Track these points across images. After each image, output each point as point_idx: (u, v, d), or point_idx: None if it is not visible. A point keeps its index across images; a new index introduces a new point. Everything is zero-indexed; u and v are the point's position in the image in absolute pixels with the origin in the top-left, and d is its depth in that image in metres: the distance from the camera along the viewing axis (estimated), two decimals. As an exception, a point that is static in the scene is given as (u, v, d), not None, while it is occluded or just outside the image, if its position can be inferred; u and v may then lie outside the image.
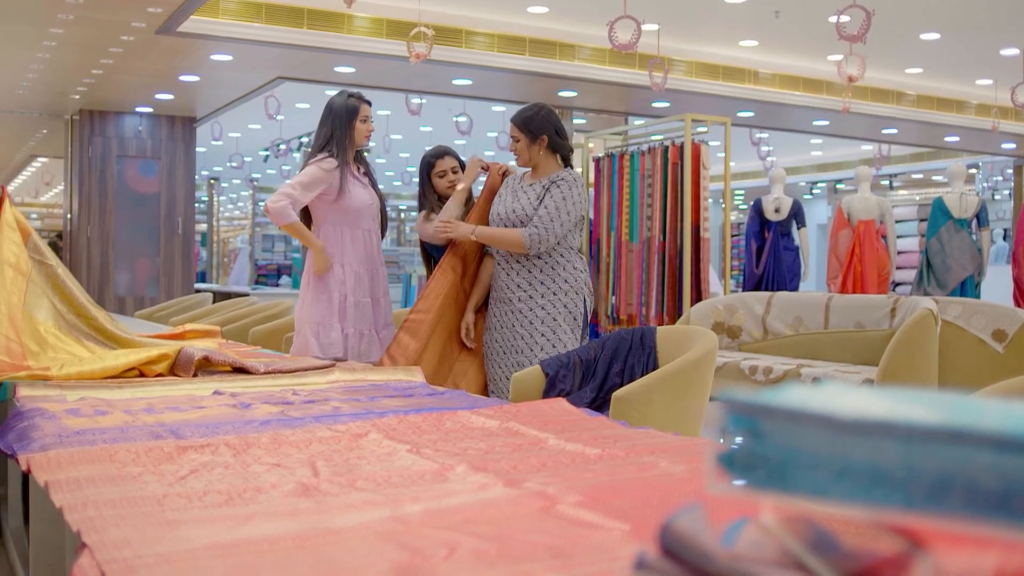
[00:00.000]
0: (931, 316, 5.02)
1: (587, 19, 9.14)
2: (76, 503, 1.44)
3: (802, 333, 6.05)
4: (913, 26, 9.66)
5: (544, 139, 4.27)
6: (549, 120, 4.30)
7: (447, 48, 8.86)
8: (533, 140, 4.26)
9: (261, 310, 6.97)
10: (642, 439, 2.02)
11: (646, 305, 7.37)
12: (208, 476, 1.64)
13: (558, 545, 1.24)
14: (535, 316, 4.18)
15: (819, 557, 0.68)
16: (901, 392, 0.71)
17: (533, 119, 4.28)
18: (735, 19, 9.44)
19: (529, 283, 4.21)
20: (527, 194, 4.26)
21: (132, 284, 11.62)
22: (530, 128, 4.27)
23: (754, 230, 10.50)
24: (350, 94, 4.42)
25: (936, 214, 9.77)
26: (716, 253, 13.08)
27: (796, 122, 12.85)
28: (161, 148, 11.72)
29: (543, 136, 4.27)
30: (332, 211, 4.33)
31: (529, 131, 4.27)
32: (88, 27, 7.63)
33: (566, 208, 4.15)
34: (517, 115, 4.34)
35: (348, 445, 1.94)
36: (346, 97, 4.39)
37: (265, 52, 8.61)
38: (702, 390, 3.36)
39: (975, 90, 12.56)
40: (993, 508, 0.60)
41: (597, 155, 8.15)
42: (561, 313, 4.18)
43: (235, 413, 2.40)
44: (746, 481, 0.70)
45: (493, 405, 2.53)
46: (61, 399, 2.61)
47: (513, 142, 4.32)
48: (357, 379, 3.19)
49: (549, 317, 4.17)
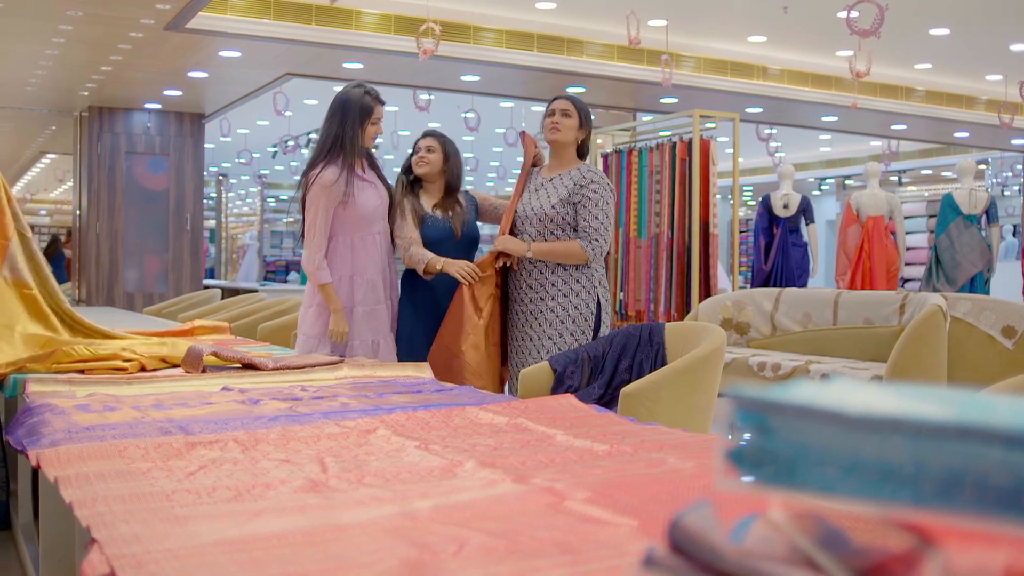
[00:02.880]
0: (940, 312, 5.00)
1: (595, 15, 9.13)
2: (86, 499, 1.44)
3: (811, 329, 6.03)
4: (922, 21, 9.63)
5: (586, 131, 4.23)
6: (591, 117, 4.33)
7: (455, 44, 8.86)
8: (581, 125, 4.21)
9: (269, 306, 6.98)
10: (650, 435, 2.02)
11: (654, 301, 7.36)
12: (217, 472, 1.65)
13: (566, 541, 1.24)
14: (544, 319, 4.12)
15: (829, 554, 0.68)
16: (910, 388, 0.71)
17: (587, 111, 4.25)
18: (743, 15, 9.42)
19: (540, 284, 4.14)
20: (546, 191, 4.17)
21: (141, 280, 11.65)
22: (586, 114, 4.24)
23: (762, 226, 10.48)
24: (366, 90, 4.17)
25: (945, 210, 9.74)
26: (724, 249, 13.07)
27: (805, 118, 12.83)
28: (170, 144, 11.73)
29: (588, 128, 4.24)
30: (340, 220, 4.10)
31: (585, 116, 4.22)
32: (97, 24, 7.65)
33: (608, 210, 4.12)
34: (573, 97, 4.28)
35: (356, 441, 1.95)
36: (362, 93, 4.14)
37: (273, 48, 8.62)
38: (710, 386, 3.35)
39: (984, 86, 12.52)
40: (1003, 505, 0.59)
41: (605, 151, 8.14)
42: (571, 315, 4.11)
43: (244, 409, 2.41)
44: (755, 477, 0.69)
45: (501, 401, 2.53)
46: (70, 395, 2.61)
47: (563, 116, 4.16)
48: (365, 375, 3.19)
49: (557, 320, 4.11)
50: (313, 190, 4.06)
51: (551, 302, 4.12)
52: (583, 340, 4.11)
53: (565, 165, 4.21)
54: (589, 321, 4.15)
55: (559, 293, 4.12)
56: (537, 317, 4.14)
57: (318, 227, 4.06)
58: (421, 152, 4.36)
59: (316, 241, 4.07)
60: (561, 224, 4.11)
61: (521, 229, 4.22)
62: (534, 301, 4.15)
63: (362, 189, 4.13)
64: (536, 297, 4.15)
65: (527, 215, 4.18)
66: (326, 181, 4.03)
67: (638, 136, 8.41)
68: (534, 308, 4.15)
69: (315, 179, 4.06)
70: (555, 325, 4.11)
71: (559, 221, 4.11)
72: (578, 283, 4.13)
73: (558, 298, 4.12)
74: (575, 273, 4.13)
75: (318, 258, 4.07)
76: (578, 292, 4.13)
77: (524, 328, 4.19)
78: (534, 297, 4.15)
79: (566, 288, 4.12)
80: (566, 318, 4.11)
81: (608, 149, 8.17)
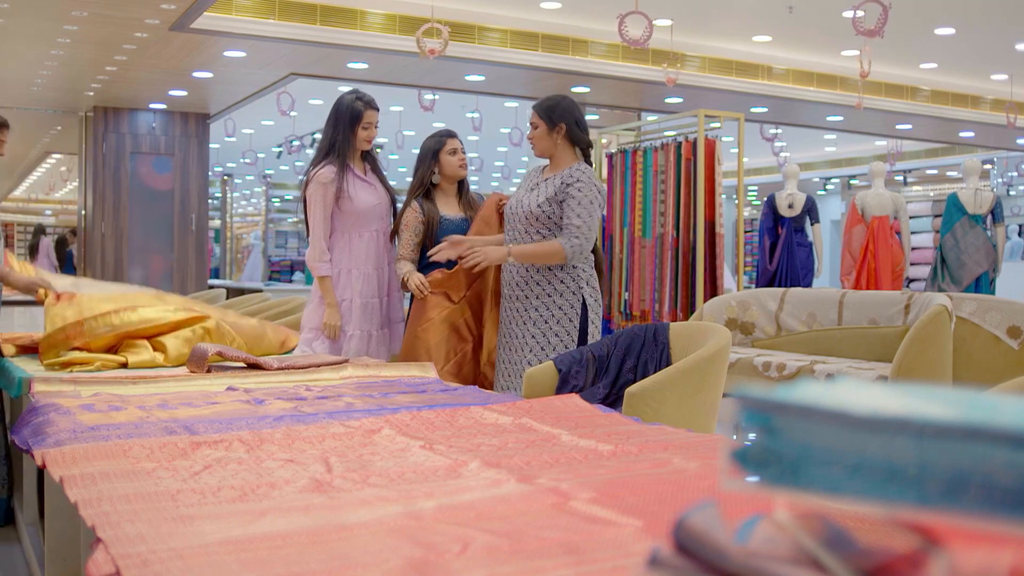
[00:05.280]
0: (945, 312, 4.99)
1: (600, 15, 9.12)
2: (91, 498, 1.45)
3: (815, 329, 6.03)
4: (928, 21, 9.62)
5: (562, 127, 4.17)
6: (570, 110, 4.21)
7: (460, 44, 8.86)
8: (551, 128, 4.17)
9: (274, 306, 6.98)
10: (655, 435, 2.02)
11: (659, 301, 7.36)
12: (222, 472, 1.65)
13: (571, 541, 1.24)
14: (528, 317, 4.14)
15: (834, 554, 0.68)
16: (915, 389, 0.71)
17: (554, 107, 4.20)
18: (748, 14, 9.40)
19: (526, 282, 4.15)
20: (539, 190, 4.19)
21: (146, 280, 11.64)
22: (550, 116, 4.18)
23: (767, 226, 10.47)
24: (358, 96, 4.42)
25: (950, 210, 9.72)
26: (729, 249, 13.05)
27: (810, 118, 12.80)
28: (175, 144, 11.74)
29: (561, 124, 4.17)
30: (338, 216, 4.38)
31: (549, 119, 4.18)
32: (102, 24, 7.65)
33: (592, 209, 4.09)
34: (539, 102, 4.26)
35: (361, 441, 1.95)
36: (353, 99, 4.40)
37: (278, 48, 8.62)
38: (715, 387, 3.35)
39: (990, 85, 12.49)
40: (1009, 505, 0.59)
41: (610, 151, 8.14)
42: (555, 315, 4.11)
43: (248, 409, 2.41)
44: (760, 477, 0.69)
45: (506, 401, 2.53)
46: (75, 395, 2.62)
47: (532, 129, 4.23)
48: (370, 375, 3.20)
49: (541, 319, 4.12)
50: (311, 188, 4.38)
51: (535, 301, 4.15)
52: (568, 341, 4.12)
53: (561, 166, 4.22)
54: (574, 322, 4.14)
55: (543, 292, 4.13)
56: (522, 315, 4.17)
57: (318, 222, 4.37)
58: (459, 154, 4.58)
59: (317, 235, 4.38)
60: (547, 223, 4.12)
61: (511, 226, 4.25)
62: (519, 299, 4.18)
63: (360, 188, 4.41)
64: (521, 295, 4.18)
65: (517, 213, 4.21)
66: (322, 179, 4.34)
67: (643, 136, 8.40)
68: (519, 306, 4.18)
69: (313, 177, 4.38)
70: (539, 324, 4.13)
71: (545, 220, 4.12)
72: (562, 283, 4.13)
73: (542, 297, 4.13)
74: (559, 274, 4.13)
75: (319, 251, 4.37)
76: (562, 292, 4.12)
77: (511, 325, 4.24)
78: (520, 295, 4.18)
79: (550, 288, 4.13)
80: (550, 318, 4.13)
81: (613, 149, 8.16)
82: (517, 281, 4.19)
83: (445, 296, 4.35)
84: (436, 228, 4.45)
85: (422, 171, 4.55)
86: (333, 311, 4.32)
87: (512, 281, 4.22)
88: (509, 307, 4.25)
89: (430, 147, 4.56)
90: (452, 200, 4.58)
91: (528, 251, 4.12)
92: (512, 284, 4.22)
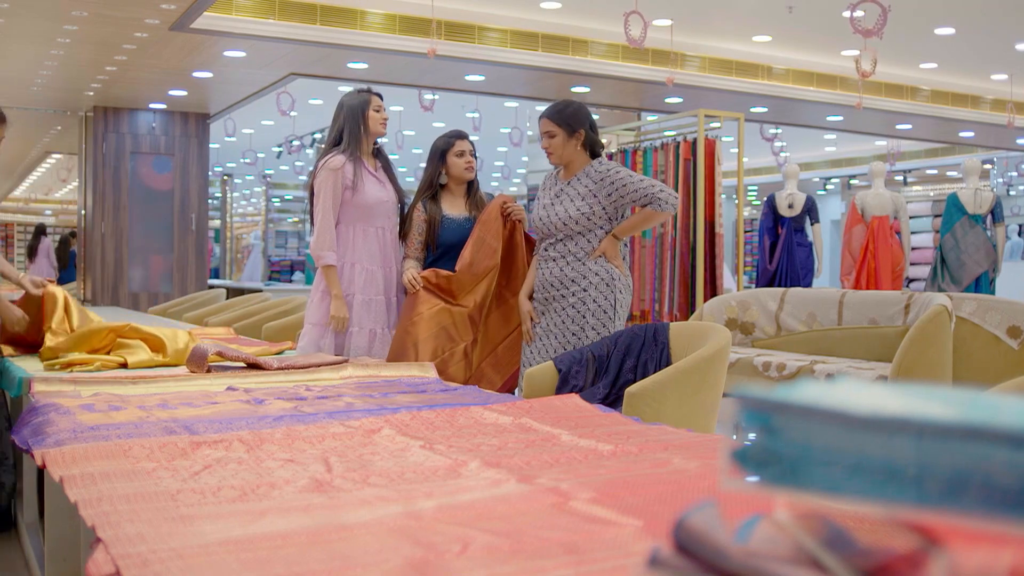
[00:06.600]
0: (945, 312, 5.00)
1: (600, 15, 9.12)
2: (91, 498, 1.45)
3: (815, 329, 6.03)
4: (928, 21, 9.62)
5: (581, 133, 4.12)
6: (585, 115, 4.18)
7: (460, 44, 8.86)
8: (571, 134, 4.12)
9: (274, 306, 6.98)
10: (655, 435, 2.02)
11: (659, 301, 7.36)
12: (222, 472, 1.65)
13: (571, 541, 1.24)
14: (566, 315, 4.09)
15: (834, 554, 0.68)
16: (915, 388, 0.71)
17: (573, 115, 4.14)
18: (748, 14, 9.40)
19: (561, 281, 4.11)
20: (567, 195, 4.14)
21: (146, 280, 11.66)
22: (568, 122, 4.12)
23: (767, 226, 10.47)
24: (360, 89, 4.40)
25: (950, 210, 9.72)
26: (729, 249, 13.05)
27: (809, 118, 12.81)
28: (175, 144, 11.74)
29: (580, 130, 4.12)
30: (345, 208, 4.25)
31: (568, 124, 4.11)
32: (102, 24, 7.65)
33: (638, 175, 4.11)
34: (551, 110, 4.19)
35: (361, 441, 1.95)
36: (356, 92, 4.37)
37: (278, 48, 8.62)
38: (715, 386, 3.35)
39: (990, 85, 12.49)
40: (1009, 505, 0.59)
41: (610, 151, 8.13)
42: (590, 308, 4.08)
43: (248, 409, 2.41)
44: (760, 477, 0.69)
45: (506, 401, 2.53)
46: (75, 395, 2.62)
47: (547, 138, 4.15)
48: (370, 375, 3.20)
49: (579, 315, 4.07)
50: (321, 175, 4.26)
51: (572, 298, 4.09)
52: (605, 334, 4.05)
53: (576, 168, 4.18)
54: (609, 314, 4.10)
55: (579, 288, 4.08)
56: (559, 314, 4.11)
57: (326, 210, 4.23)
58: (467, 157, 4.53)
59: (323, 223, 4.24)
60: (587, 224, 4.09)
61: (548, 234, 4.18)
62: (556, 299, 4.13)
63: (369, 182, 4.31)
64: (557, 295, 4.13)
65: (552, 222, 4.14)
66: (332, 165, 4.23)
67: (643, 136, 8.41)
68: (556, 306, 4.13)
69: (323, 164, 4.27)
70: (577, 320, 4.08)
71: (584, 222, 4.08)
72: (597, 275, 4.08)
73: (578, 293, 4.09)
74: (593, 267, 4.10)
75: (325, 240, 4.23)
76: (596, 285, 4.08)
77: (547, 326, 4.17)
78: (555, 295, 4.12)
79: (585, 283, 4.07)
80: (586, 312, 4.07)
81: (613, 149, 8.16)
82: (551, 282, 4.15)
83: (437, 294, 4.33)
84: (438, 227, 4.44)
85: (430, 171, 4.55)
86: (340, 303, 4.17)
87: (546, 282, 4.16)
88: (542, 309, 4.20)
89: (439, 147, 4.55)
90: (459, 200, 4.55)
91: (628, 224, 4.16)
92: (547, 285, 4.16)
